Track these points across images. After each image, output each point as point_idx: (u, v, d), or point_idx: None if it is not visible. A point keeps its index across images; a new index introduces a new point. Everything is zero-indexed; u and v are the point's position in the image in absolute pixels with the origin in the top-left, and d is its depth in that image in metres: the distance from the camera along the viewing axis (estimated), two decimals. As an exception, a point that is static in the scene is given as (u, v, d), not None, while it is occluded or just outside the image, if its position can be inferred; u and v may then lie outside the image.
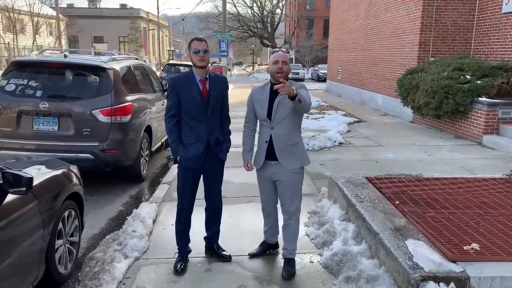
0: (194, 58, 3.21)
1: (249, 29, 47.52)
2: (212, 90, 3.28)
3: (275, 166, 3.24)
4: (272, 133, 3.19)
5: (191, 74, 3.28)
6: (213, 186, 3.51)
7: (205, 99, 3.25)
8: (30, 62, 5.69)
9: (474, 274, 2.67)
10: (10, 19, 34.52)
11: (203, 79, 3.26)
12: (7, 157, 3.89)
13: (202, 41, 3.24)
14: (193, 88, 3.23)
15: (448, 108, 8.70)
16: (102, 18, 53.11)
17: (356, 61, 16.38)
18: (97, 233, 4.38)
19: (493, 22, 10.15)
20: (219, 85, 3.35)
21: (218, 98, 3.32)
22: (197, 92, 3.23)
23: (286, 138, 3.20)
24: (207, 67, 3.32)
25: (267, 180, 3.35)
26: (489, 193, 4.21)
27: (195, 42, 3.23)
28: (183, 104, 3.24)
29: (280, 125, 3.17)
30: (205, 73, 3.28)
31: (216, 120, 3.35)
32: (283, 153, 3.20)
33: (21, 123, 5.24)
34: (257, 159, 3.34)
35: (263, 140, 3.26)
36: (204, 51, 3.20)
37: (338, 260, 3.39)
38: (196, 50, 3.19)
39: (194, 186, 3.41)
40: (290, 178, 3.24)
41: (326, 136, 8.50)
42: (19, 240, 2.57)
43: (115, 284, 3.15)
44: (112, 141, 5.27)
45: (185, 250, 3.52)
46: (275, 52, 3.23)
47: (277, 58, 3.15)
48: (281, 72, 3.13)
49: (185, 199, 3.41)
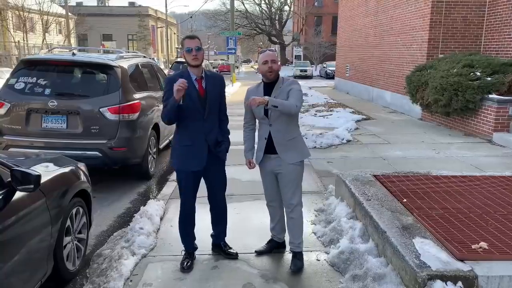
0: (187, 57, 3.14)
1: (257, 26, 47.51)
2: (209, 89, 3.23)
3: (275, 160, 3.31)
4: (271, 129, 3.28)
5: (186, 73, 3.20)
6: (216, 188, 3.47)
7: (202, 99, 3.19)
8: (39, 60, 5.75)
9: (482, 273, 2.64)
10: (20, 17, 34.83)
11: (198, 78, 3.20)
12: (16, 155, 3.92)
13: (194, 39, 3.17)
14: (190, 87, 3.10)
15: (457, 105, 8.61)
16: (111, 16, 53.41)
17: (365, 58, 16.28)
18: (105, 230, 4.42)
19: (503, 18, 10.01)
20: (216, 83, 3.30)
21: (216, 97, 3.27)
22: (193, 91, 3.16)
23: (284, 134, 3.27)
24: (202, 65, 3.24)
25: (269, 174, 3.41)
26: (498, 191, 4.16)
27: (187, 40, 3.15)
28: (181, 105, 3.14)
29: (277, 122, 3.25)
30: (201, 72, 3.21)
31: (215, 119, 3.30)
32: (283, 148, 3.28)
33: (30, 121, 5.29)
34: (256, 155, 3.42)
35: (262, 136, 3.34)
36: (197, 49, 3.11)
37: (345, 258, 3.38)
38: (188, 49, 3.11)
39: (195, 188, 3.39)
40: (291, 170, 3.30)
41: (334, 133, 8.46)
42: (27, 237, 2.60)
43: (122, 281, 3.17)
44: (120, 138, 5.30)
45: (191, 247, 3.53)
46: (263, 53, 3.28)
47: (265, 58, 3.21)
48: (271, 71, 3.21)
49: (187, 200, 3.39)
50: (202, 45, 3.21)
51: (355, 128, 9.64)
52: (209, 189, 3.49)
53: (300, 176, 3.38)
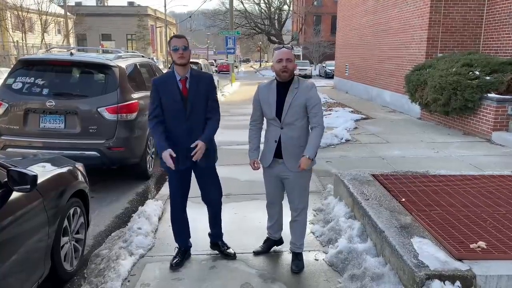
0: (174, 56, 3.11)
1: (256, 26, 47.48)
2: (192, 88, 3.18)
3: (283, 164, 3.18)
4: (282, 133, 3.13)
5: (172, 74, 3.20)
6: (207, 188, 3.44)
7: (185, 98, 3.16)
8: (37, 60, 5.73)
9: (481, 273, 2.64)
10: (19, 17, 34.80)
11: (183, 78, 3.17)
12: (13, 155, 3.91)
13: (181, 38, 3.16)
14: (172, 87, 3.13)
15: (456, 104, 8.60)
16: (110, 16, 53.42)
17: (364, 57, 16.28)
18: (103, 230, 4.41)
19: (502, 17, 10.01)
20: (201, 83, 3.22)
21: (200, 97, 3.19)
22: (176, 91, 3.14)
23: (295, 141, 3.13)
24: (188, 65, 3.22)
25: (275, 178, 3.31)
26: (497, 191, 4.16)
27: (174, 39, 3.14)
28: (164, 105, 3.15)
29: (290, 127, 3.11)
30: (186, 71, 3.18)
31: (198, 120, 3.20)
32: (290, 155, 3.14)
33: (28, 121, 5.28)
34: (265, 158, 3.27)
35: (272, 139, 3.18)
36: (183, 48, 3.10)
37: (343, 258, 3.38)
38: (175, 48, 3.09)
39: (183, 186, 3.37)
40: (298, 176, 3.19)
41: (333, 133, 8.45)
42: (24, 237, 2.58)
43: (120, 281, 3.16)
44: (118, 138, 5.29)
45: (183, 245, 3.52)
46: (278, 50, 3.11)
47: (280, 56, 3.05)
48: (286, 71, 3.04)
49: (175, 199, 3.40)
50: (189, 45, 3.20)
51: (354, 128, 9.63)
52: (200, 189, 3.47)
53: (308, 181, 3.28)
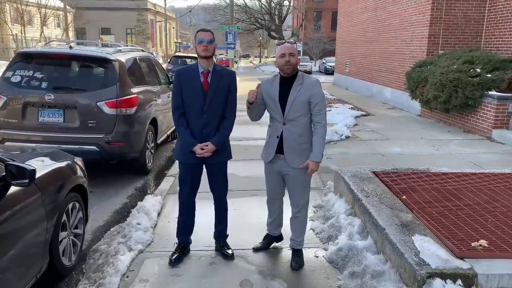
0: (198, 48, 3.17)
1: (256, 21, 47.31)
2: (213, 83, 3.20)
3: (285, 160, 3.18)
4: (284, 129, 3.12)
5: (195, 66, 3.25)
6: (215, 184, 3.45)
7: (204, 91, 3.19)
8: (36, 53, 5.69)
9: (482, 271, 2.62)
10: (18, 10, 34.63)
11: (205, 71, 3.20)
12: (12, 149, 3.87)
13: (207, 32, 3.23)
14: (194, 80, 3.20)
15: (457, 101, 8.58)
16: (109, 10, 53.15)
17: (364, 54, 16.22)
18: (101, 225, 4.38)
19: (504, 14, 9.96)
20: (223, 79, 3.24)
21: (221, 93, 3.21)
22: (198, 84, 3.19)
23: (297, 137, 3.12)
24: (213, 59, 3.27)
25: (276, 174, 3.30)
26: (498, 189, 4.14)
27: (200, 32, 3.22)
28: (184, 96, 3.20)
29: (293, 123, 3.10)
30: (210, 65, 3.22)
31: (215, 115, 3.23)
32: (292, 151, 3.13)
33: (26, 114, 5.24)
34: (267, 153, 3.27)
35: (274, 134, 3.18)
36: (208, 41, 3.15)
37: (343, 255, 3.36)
38: (200, 40, 3.15)
39: (193, 181, 3.38)
40: (300, 172, 3.18)
41: (333, 129, 8.42)
42: (22, 232, 2.56)
43: (118, 276, 3.14)
44: (117, 133, 5.26)
45: (183, 241, 3.51)
46: (281, 44, 3.11)
47: (283, 50, 3.04)
48: (288, 66, 3.04)
49: (183, 193, 3.41)
50: (214, 39, 3.23)
51: (354, 124, 9.60)
52: (209, 183, 3.47)
53: (309, 177, 3.27)
